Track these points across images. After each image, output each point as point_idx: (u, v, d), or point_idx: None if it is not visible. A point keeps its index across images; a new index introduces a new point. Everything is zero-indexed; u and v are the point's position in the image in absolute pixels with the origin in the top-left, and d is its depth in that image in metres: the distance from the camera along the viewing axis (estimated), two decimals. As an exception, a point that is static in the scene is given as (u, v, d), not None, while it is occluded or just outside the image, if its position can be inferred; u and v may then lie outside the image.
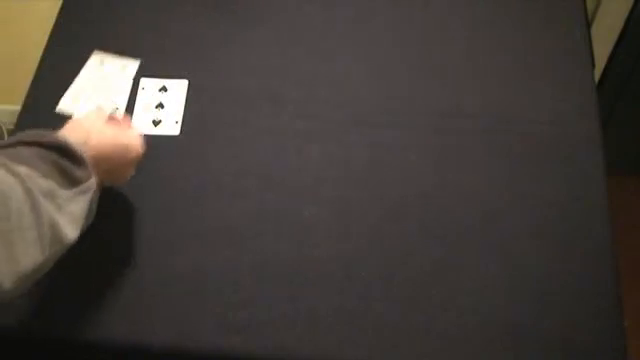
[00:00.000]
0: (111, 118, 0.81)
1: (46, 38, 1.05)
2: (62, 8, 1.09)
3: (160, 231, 0.87)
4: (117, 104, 0.96)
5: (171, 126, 0.96)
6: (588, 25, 1.07)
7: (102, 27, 1.06)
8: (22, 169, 0.60)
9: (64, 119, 0.75)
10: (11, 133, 0.95)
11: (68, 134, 0.69)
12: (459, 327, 0.80)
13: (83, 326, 0.81)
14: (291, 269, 0.84)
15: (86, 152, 0.68)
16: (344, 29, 1.05)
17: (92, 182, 0.68)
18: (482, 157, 0.92)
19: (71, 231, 0.64)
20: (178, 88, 0.99)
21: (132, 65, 1.00)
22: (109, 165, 0.75)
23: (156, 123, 0.96)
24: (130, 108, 0.97)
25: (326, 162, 0.92)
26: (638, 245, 1.66)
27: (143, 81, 1.00)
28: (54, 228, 0.61)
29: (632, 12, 1.43)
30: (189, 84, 0.99)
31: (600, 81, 1.55)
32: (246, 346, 0.79)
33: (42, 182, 0.61)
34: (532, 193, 0.89)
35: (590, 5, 1.44)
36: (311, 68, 1.01)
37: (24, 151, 0.63)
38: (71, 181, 0.65)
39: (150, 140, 0.85)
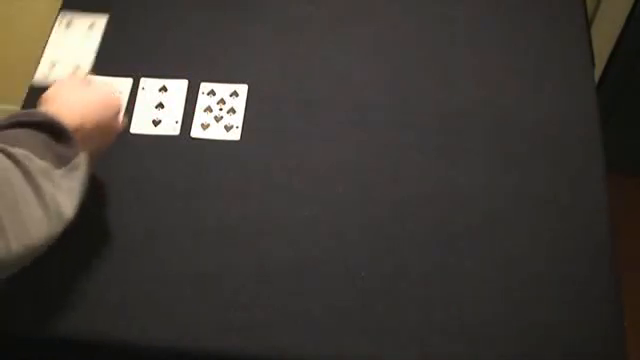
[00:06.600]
0: (82, 80, 0.83)
1: (46, 38, 1.05)
2: (62, 8, 1.09)
3: (160, 231, 0.87)
4: (79, 64, 0.97)
5: (171, 126, 0.96)
6: (588, 25, 1.07)
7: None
8: (20, 152, 0.63)
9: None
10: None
11: (52, 109, 0.72)
12: (459, 327, 0.80)
13: (82, 326, 0.81)
14: (291, 269, 0.84)
15: (71, 124, 0.71)
16: (344, 28, 1.05)
17: (81, 158, 0.71)
18: (482, 157, 0.92)
19: (69, 207, 0.67)
20: (178, 88, 0.99)
21: (99, 21, 1.00)
22: (93, 123, 0.76)
23: (156, 123, 0.96)
24: (130, 107, 0.97)
25: (326, 162, 0.92)
26: (638, 245, 1.66)
27: (143, 81, 1.00)
28: (56, 207, 0.65)
29: (632, 12, 1.43)
30: (189, 84, 0.99)
31: (600, 81, 1.56)
32: (246, 346, 0.79)
33: (39, 162, 0.64)
34: (532, 193, 0.89)
35: (590, 5, 1.44)
36: (311, 67, 1.01)
37: (20, 134, 0.67)
38: (60, 160, 0.68)
39: (149, 140, 0.85)
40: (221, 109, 0.97)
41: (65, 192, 0.67)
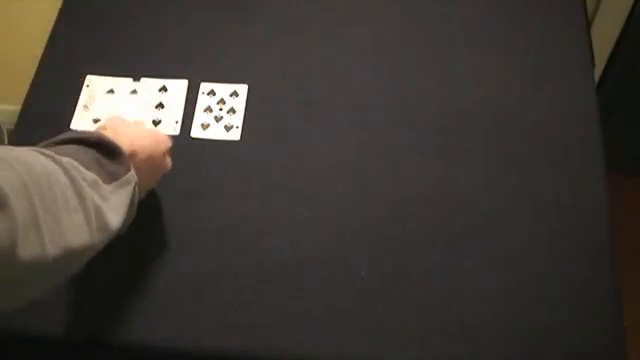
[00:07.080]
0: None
1: (46, 38, 1.05)
2: (62, 8, 1.09)
3: (160, 231, 0.88)
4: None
5: (171, 126, 0.96)
6: (588, 25, 1.07)
7: (102, 27, 1.06)
8: (65, 159, 0.61)
9: (63, 119, 0.76)
10: (11, 133, 0.95)
11: (108, 134, 0.71)
12: (459, 327, 0.80)
13: (82, 326, 0.81)
14: (291, 269, 0.84)
15: (125, 149, 0.70)
16: (344, 28, 1.05)
17: (131, 175, 0.70)
18: (482, 157, 0.92)
19: (115, 220, 0.65)
20: (178, 88, 0.99)
21: (141, 86, 0.99)
22: (145, 154, 0.76)
23: (156, 123, 0.96)
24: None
25: (326, 162, 0.92)
26: (638, 245, 1.66)
27: (143, 81, 1.00)
28: (99, 214, 0.62)
29: (632, 12, 1.43)
30: (189, 84, 0.99)
31: (600, 81, 1.56)
32: (246, 346, 0.79)
33: (85, 172, 0.63)
34: (532, 193, 0.89)
35: (590, 5, 1.44)
36: (311, 67, 1.01)
37: (70, 149, 0.66)
38: (111, 176, 0.67)
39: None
40: (221, 109, 0.97)
41: (112, 205, 0.65)
